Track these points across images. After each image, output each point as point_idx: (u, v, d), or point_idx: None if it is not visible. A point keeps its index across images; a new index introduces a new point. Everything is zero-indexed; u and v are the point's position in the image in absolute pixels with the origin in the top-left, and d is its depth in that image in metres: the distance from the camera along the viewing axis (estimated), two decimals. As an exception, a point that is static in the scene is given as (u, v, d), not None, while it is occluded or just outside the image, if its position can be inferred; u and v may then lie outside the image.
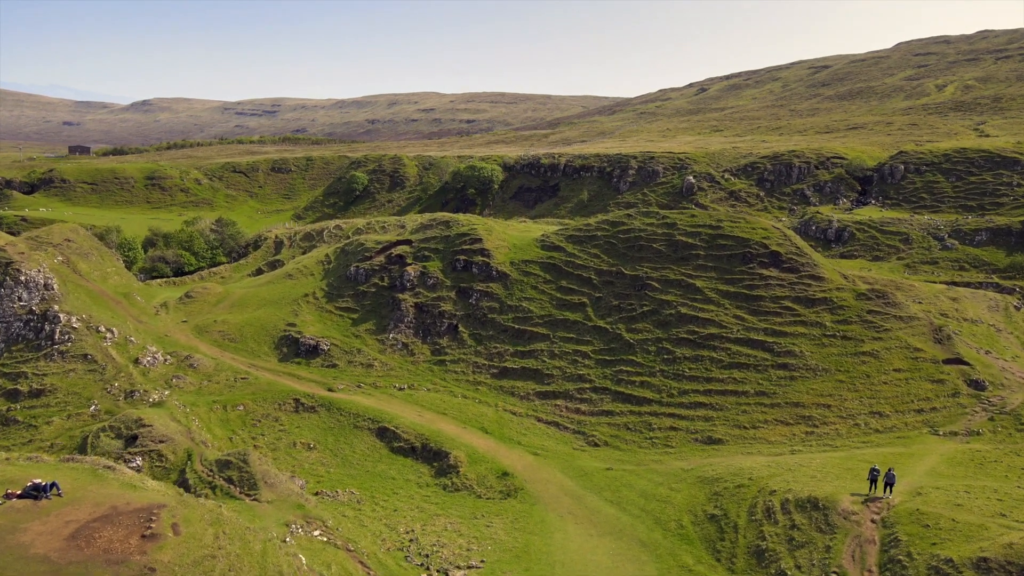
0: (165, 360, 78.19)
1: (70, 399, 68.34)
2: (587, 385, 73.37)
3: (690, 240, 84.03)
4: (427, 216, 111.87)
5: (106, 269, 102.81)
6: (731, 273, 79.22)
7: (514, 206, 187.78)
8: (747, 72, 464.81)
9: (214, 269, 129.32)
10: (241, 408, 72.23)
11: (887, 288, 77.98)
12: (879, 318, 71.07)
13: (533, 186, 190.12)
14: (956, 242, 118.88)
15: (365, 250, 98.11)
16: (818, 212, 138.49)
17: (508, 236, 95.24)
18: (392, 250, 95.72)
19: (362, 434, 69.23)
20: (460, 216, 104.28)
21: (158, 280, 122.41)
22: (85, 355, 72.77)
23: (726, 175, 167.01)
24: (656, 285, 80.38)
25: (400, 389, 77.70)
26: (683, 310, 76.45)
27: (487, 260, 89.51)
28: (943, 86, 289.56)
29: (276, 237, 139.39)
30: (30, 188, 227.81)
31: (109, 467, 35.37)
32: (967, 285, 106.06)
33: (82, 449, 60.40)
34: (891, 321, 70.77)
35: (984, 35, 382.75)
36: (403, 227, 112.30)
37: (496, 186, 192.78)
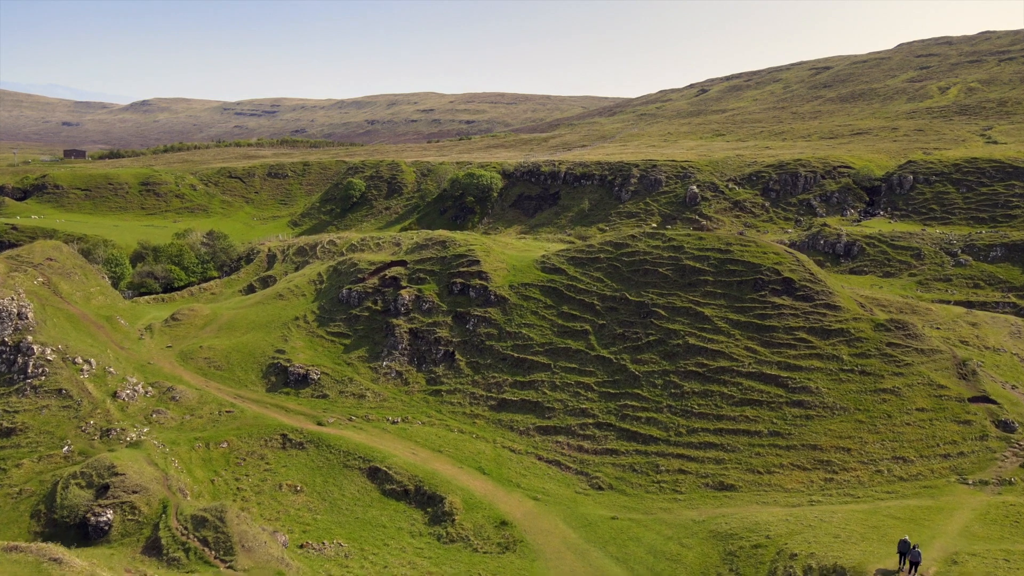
0: (146, 392, 74.27)
1: (42, 439, 64.44)
2: (590, 420, 69.50)
3: (698, 264, 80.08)
4: (423, 235, 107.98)
5: (90, 289, 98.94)
6: (741, 301, 75.28)
7: (514, 214, 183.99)
8: (747, 73, 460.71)
9: (204, 285, 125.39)
10: (225, 445, 68.31)
11: (906, 317, 74.12)
12: (899, 351, 67.14)
13: (533, 194, 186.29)
14: (970, 258, 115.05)
15: (358, 271, 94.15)
16: (825, 225, 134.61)
17: (507, 257, 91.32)
18: (386, 271, 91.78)
19: (352, 474, 65.33)
20: (457, 235, 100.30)
21: (146, 297, 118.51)
22: (59, 390, 68.86)
23: (730, 184, 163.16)
24: (662, 313, 76.47)
25: (393, 423, 73.84)
26: (691, 340, 72.54)
27: (485, 283, 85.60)
28: (946, 88, 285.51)
29: (269, 251, 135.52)
30: (23, 194, 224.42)
31: (56, 559, 31.48)
32: (983, 304, 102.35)
33: (51, 497, 56.56)
34: (912, 354, 66.85)
35: (986, 36, 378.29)
36: (398, 245, 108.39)
37: (495, 194, 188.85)
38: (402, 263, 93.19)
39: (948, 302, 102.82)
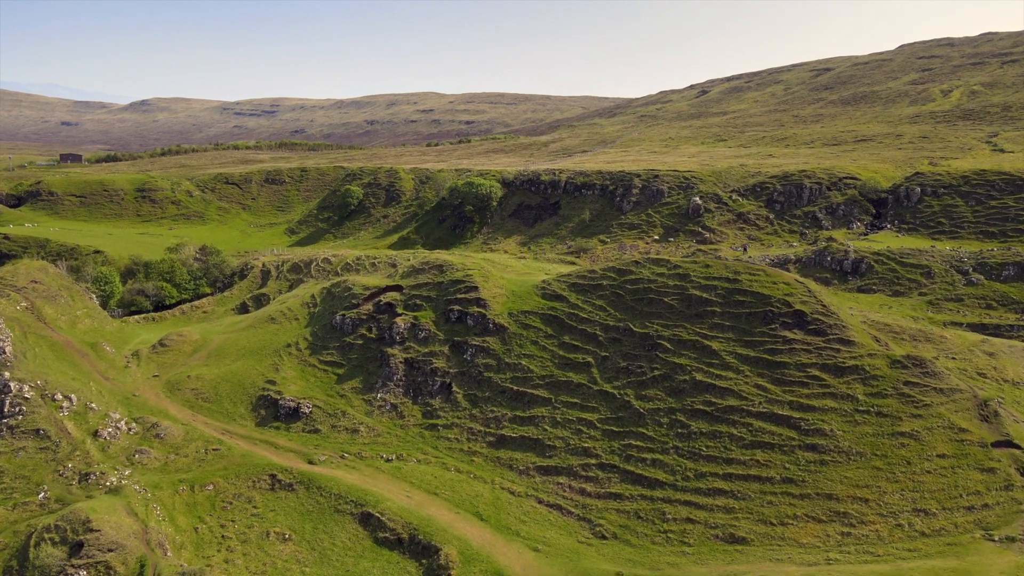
0: (129, 429, 71.18)
1: (17, 484, 61.38)
2: (593, 460, 66.41)
3: (705, 295, 76.88)
4: (419, 256, 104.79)
5: (76, 312, 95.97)
6: (751, 334, 72.08)
7: (513, 224, 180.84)
8: (748, 74, 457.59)
9: (196, 303, 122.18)
10: (211, 488, 65.24)
11: (921, 347, 71.00)
12: (917, 391, 64.02)
13: (533, 203, 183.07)
14: (981, 277, 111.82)
15: (352, 295, 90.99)
16: (832, 239, 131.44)
17: (506, 282, 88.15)
18: (381, 297, 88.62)
19: (344, 520, 62.28)
20: (455, 258, 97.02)
21: (136, 317, 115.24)
22: (37, 430, 65.77)
23: (734, 196, 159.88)
24: (668, 346, 73.31)
25: (388, 460, 70.77)
26: (698, 376, 69.41)
27: (483, 311, 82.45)
28: (949, 91, 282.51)
29: (263, 266, 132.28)
30: (17, 201, 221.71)
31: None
32: (997, 327, 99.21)
33: (24, 553, 53.54)
34: (931, 394, 63.73)
35: (988, 37, 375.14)
36: (394, 266, 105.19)
37: (495, 203, 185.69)
38: (398, 288, 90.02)
39: (960, 324, 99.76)
